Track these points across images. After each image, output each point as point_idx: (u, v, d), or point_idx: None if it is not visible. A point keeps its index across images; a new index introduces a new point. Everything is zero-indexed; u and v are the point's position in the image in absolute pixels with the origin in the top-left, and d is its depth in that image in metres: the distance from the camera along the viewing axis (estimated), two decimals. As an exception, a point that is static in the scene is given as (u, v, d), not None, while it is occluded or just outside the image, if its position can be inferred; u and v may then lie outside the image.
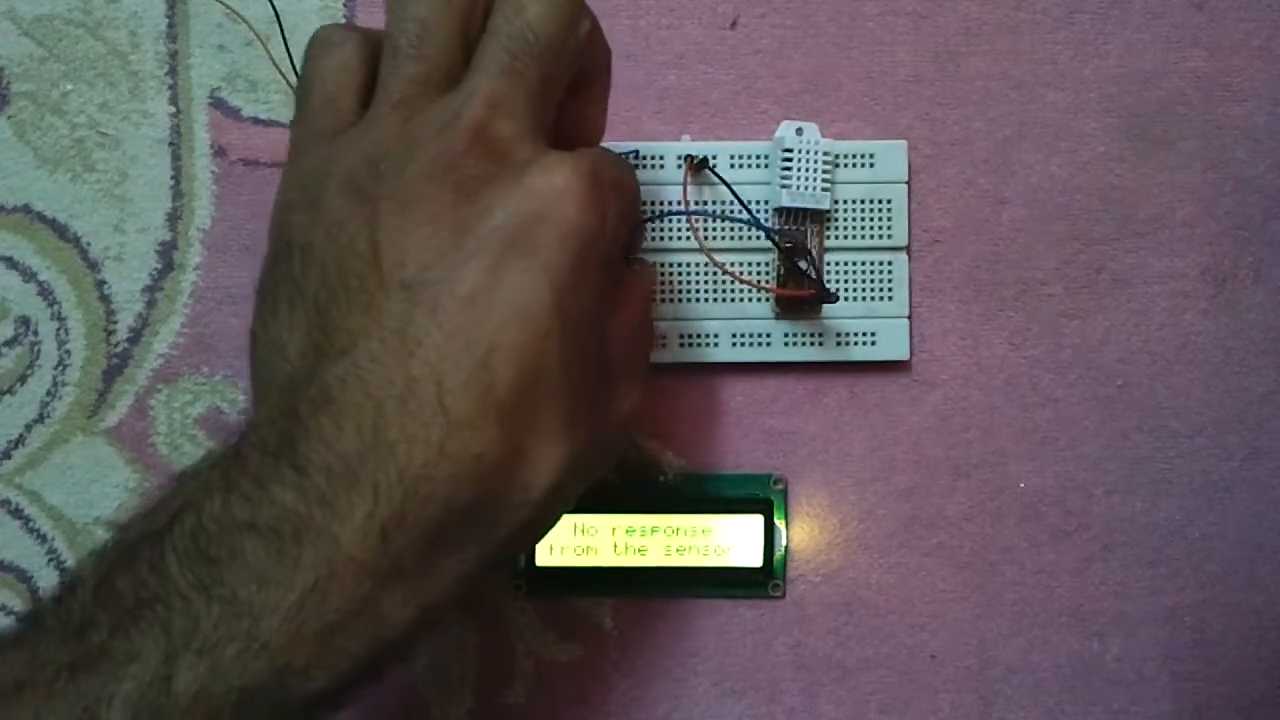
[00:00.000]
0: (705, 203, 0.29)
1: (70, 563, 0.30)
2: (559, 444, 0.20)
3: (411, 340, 0.19)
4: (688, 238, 0.29)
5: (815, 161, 0.28)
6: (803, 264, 0.28)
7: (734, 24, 0.30)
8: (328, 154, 0.21)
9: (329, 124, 0.21)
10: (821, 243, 0.29)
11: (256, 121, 0.30)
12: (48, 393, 0.30)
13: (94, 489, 0.30)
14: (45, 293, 0.30)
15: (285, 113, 0.30)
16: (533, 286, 0.19)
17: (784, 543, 0.30)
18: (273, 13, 0.29)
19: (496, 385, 0.19)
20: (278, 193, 0.22)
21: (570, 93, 0.22)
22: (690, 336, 0.29)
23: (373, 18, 0.30)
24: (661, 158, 0.29)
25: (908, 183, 0.30)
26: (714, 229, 0.29)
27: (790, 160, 0.28)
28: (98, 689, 0.17)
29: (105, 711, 0.17)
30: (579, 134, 0.24)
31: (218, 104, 0.30)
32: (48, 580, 0.30)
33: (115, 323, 0.30)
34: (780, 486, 0.30)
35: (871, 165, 0.29)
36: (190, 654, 0.18)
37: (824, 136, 0.29)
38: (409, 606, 0.19)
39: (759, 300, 0.29)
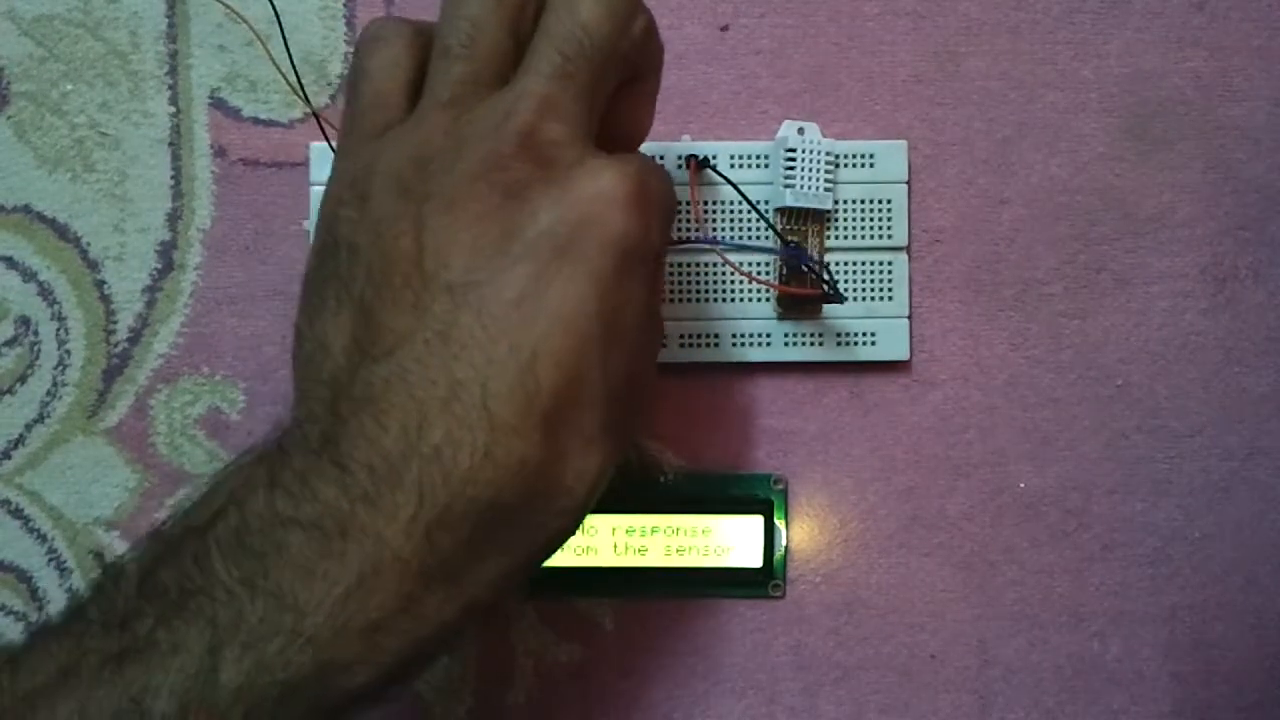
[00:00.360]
0: (707, 202, 0.29)
1: (70, 563, 0.30)
2: (598, 449, 0.20)
3: (456, 343, 0.19)
4: (691, 235, 0.29)
5: (817, 161, 0.28)
6: (808, 264, 0.28)
7: (725, 28, 0.30)
8: (376, 151, 0.21)
9: (378, 120, 0.21)
10: (822, 243, 0.29)
11: (256, 121, 0.30)
12: (48, 393, 0.30)
13: (94, 489, 0.30)
14: (45, 293, 0.30)
15: (285, 112, 0.30)
16: (578, 292, 0.19)
17: (784, 543, 0.30)
18: (273, 13, 0.29)
19: (541, 391, 0.19)
20: (326, 188, 0.22)
21: (620, 89, 0.22)
22: (690, 336, 0.29)
23: (372, 15, 0.30)
24: (661, 158, 0.29)
25: (908, 183, 0.30)
26: (716, 230, 0.29)
27: (793, 160, 0.28)
28: (144, 679, 0.18)
29: (153, 702, 0.18)
30: (625, 131, 0.23)
31: (218, 104, 0.30)
32: (48, 580, 0.30)
33: (115, 323, 0.30)
34: (780, 486, 0.30)
35: (871, 165, 0.29)
36: (235, 647, 0.18)
37: (824, 136, 0.29)
38: (450, 607, 0.19)
39: (759, 300, 0.29)
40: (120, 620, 0.18)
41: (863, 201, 0.29)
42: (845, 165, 0.29)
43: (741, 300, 0.29)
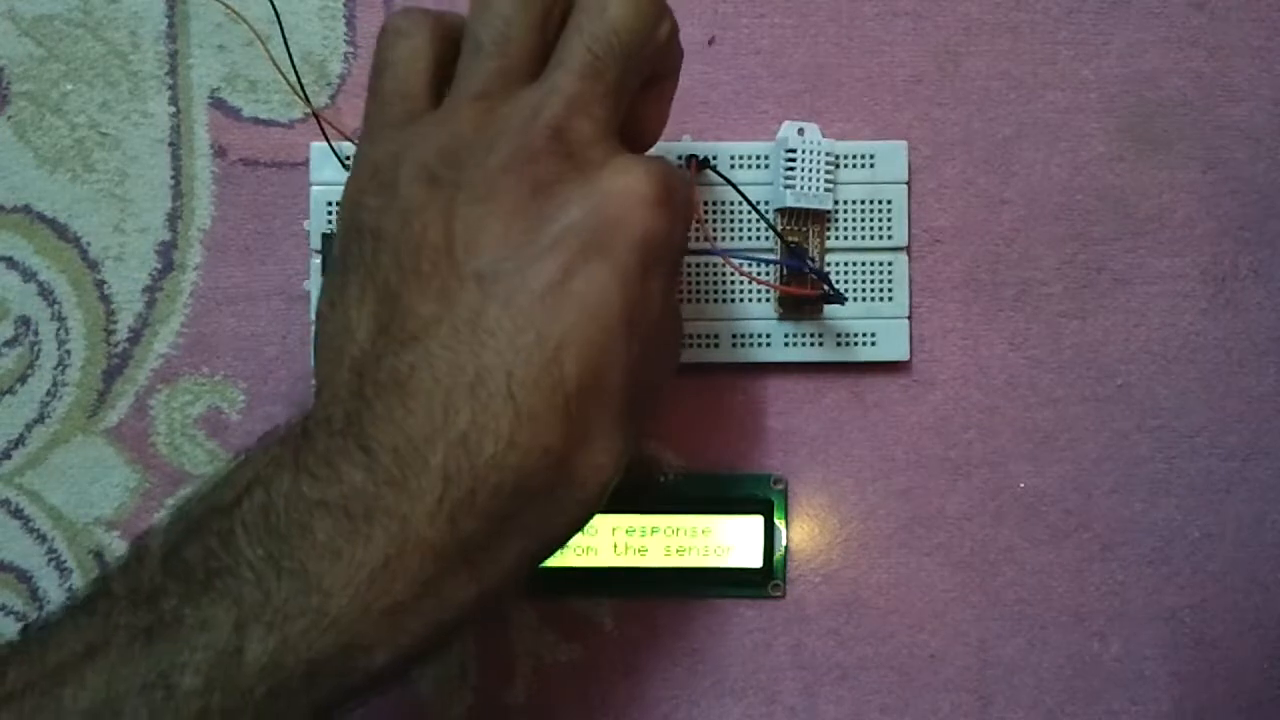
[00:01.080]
0: (707, 203, 0.29)
1: (70, 563, 0.30)
2: (617, 439, 0.21)
3: (483, 330, 0.19)
4: (692, 238, 0.29)
5: (818, 162, 0.28)
6: (808, 264, 0.28)
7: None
8: (403, 141, 0.21)
9: (402, 111, 0.22)
10: (822, 243, 0.29)
11: (256, 121, 0.30)
12: (48, 393, 0.30)
13: (94, 489, 0.30)
14: (45, 293, 0.30)
15: (285, 112, 0.30)
16: (604, 285, 0.20)
17: (784, 543, 0.30)
18: (273, 13, 0.29)
19: (565, 380, 0.19)
20: (350, 178, 0.22)
21: (640, 90, 0.23)
22: (691, 337, 0.29)
23: (372, 15, 0.30)
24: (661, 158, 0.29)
25: (908, 183, 0.30)
26: (716, 230, 0.29)
27: (794, 161, 0.28)
28: (171, 656, 0.18)
29: (179, 678, 0.18)
30: (641, 131, 0.24)
31: (218, 104, 0.30)
32: (48, 580, 0.30)
33: (115, 323, 0.30)
34: (780, 486, 0.30)
35: (871, 165, 0.29)
36: (260, 626, 0.18)
37: (824, 137, 0.29)
38: (471, 590, 0.20)
39: (760, 300, 0.29)
40: (147, 596, 0.19)
41: (863, 202, 0.29)
42: (845, 165, 0.29)
43: (742, 300, 0.29)
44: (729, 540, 0.29)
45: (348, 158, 0.28)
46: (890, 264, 0.29)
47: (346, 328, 0.21)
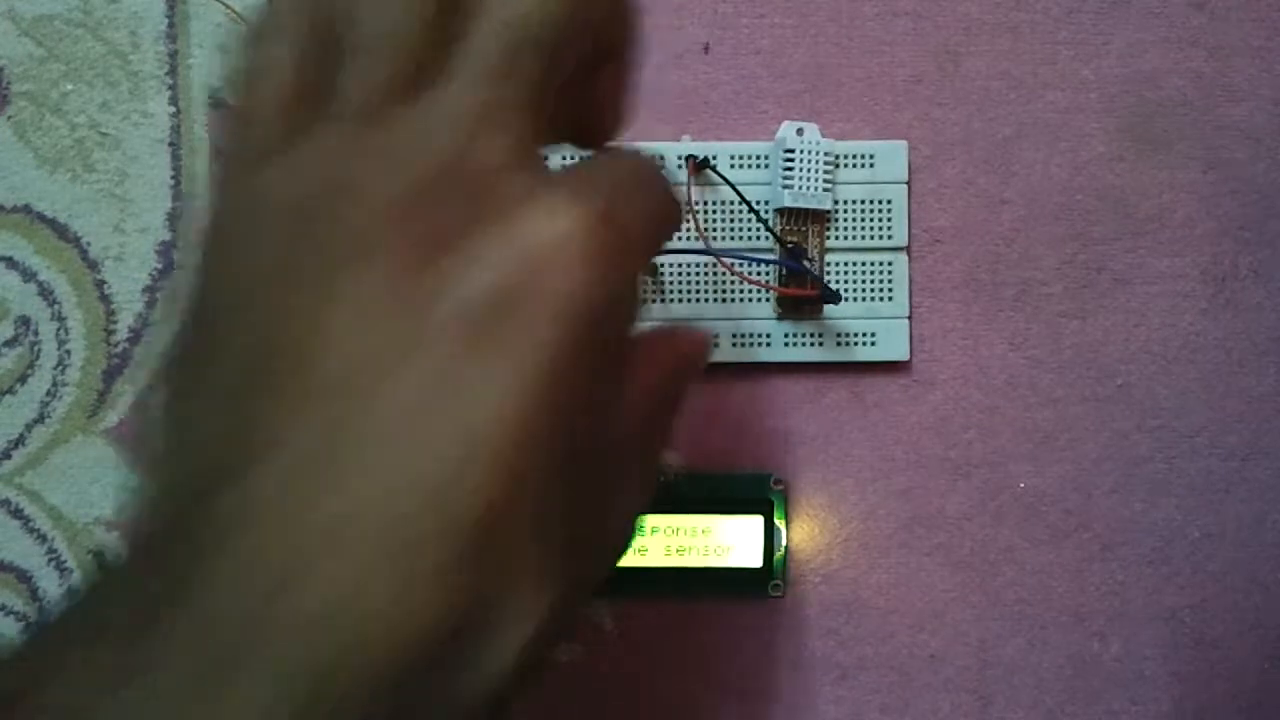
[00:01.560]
0: (706, 203, 0.29)
1: (70, 563, 0.30)
2: (540, 592, 0.15)
3: (342, 461, 0.14)
4: (690, 238, 0.29)
5: (816, 162, 0.28)
6: (806, 264, 0.28)
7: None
8: (257, 187, 0.15)
9: (260, 140, 0.16)
10: (822, 243, 0.29)
11: (256, 121, 0.30)
12: (48, 393, 0.30)
13: (94, 489, 0.30)
14: (45, 293, 0.30)
15: (285, 113, 0.30)
16: (514, 385, 0.14)
17: (784, 543, 0.30)
18: (273, 13, 0.29)
19: (459, 526, 0.14)
20: (197, 236, 0.16)
21: (588, 71, 0.17)
22: (690, 336, 0.29)
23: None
24: (662, 158, 0.29)
25: (908, 183, 0.30)
26: (715, 230, 0.29)
27: (792, 161, 0.28)
28: None
29: None
30: (595, 124, 0.19)
31: (218, 104, 0.30)
32: (48, 580, 0.30)
33: (115, 323, 0.30)
34: (780, 486, 0.30)
35: (871, 165, 0.29)
36: None
37: (824, 137, 0.29)
38: None
39: (760, 300, 0.29)
40: None
41: (863, 202, 0.29)
42: (845, 165, 0.29)
43: (741, 301, 0.29)
44: (729, 540, 0.29)
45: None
46: (890, 264, 0.29)
47: (180, 443, 0.15)
